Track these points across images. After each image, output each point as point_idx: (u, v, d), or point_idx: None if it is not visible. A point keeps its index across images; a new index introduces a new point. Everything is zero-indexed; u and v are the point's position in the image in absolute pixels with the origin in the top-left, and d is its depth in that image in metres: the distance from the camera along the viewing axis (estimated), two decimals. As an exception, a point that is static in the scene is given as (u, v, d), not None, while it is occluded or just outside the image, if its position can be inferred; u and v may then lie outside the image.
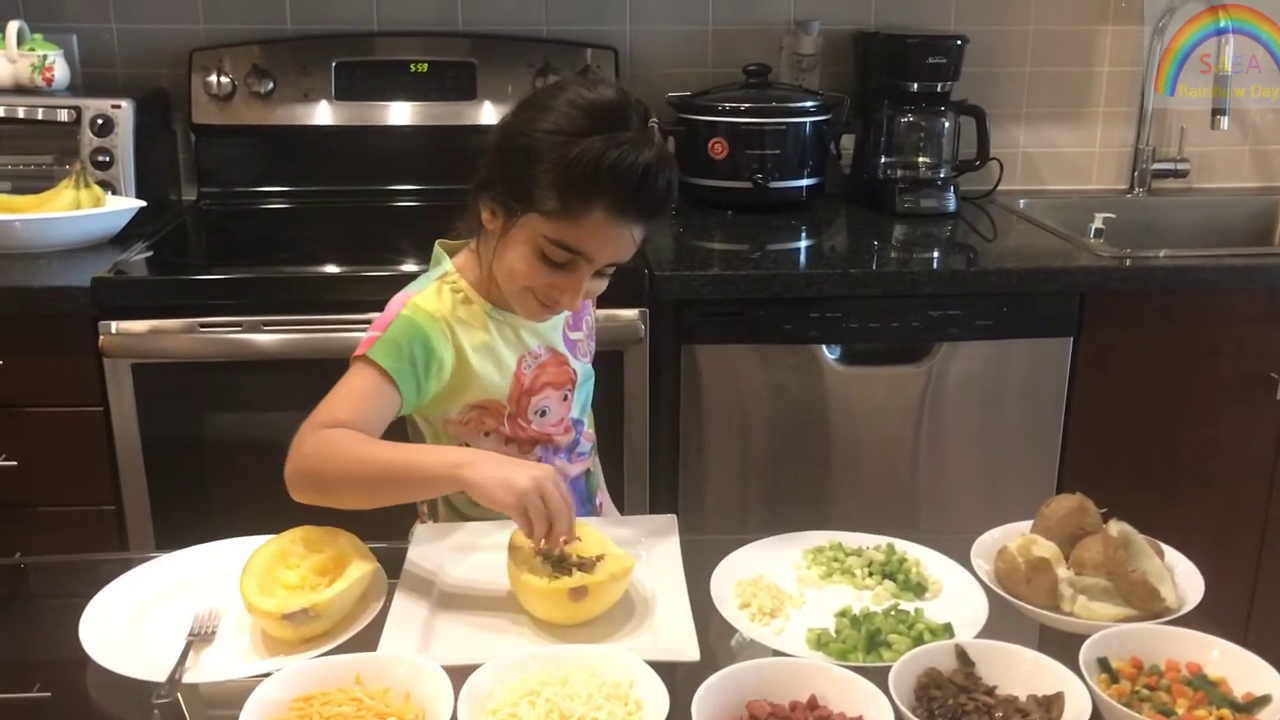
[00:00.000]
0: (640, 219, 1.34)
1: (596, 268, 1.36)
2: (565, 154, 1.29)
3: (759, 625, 1.22)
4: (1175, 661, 1.11)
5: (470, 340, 1.43)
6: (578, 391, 1.54)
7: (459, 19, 2.66)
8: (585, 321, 1.59)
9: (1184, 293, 2.21)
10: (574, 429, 1.54)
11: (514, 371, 1.46)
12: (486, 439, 1.47)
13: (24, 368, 2.01)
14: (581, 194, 1.30)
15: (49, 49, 2.44)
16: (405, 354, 1.37)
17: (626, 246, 1.36)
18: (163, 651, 1.16)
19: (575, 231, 1.32)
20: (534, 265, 1.36)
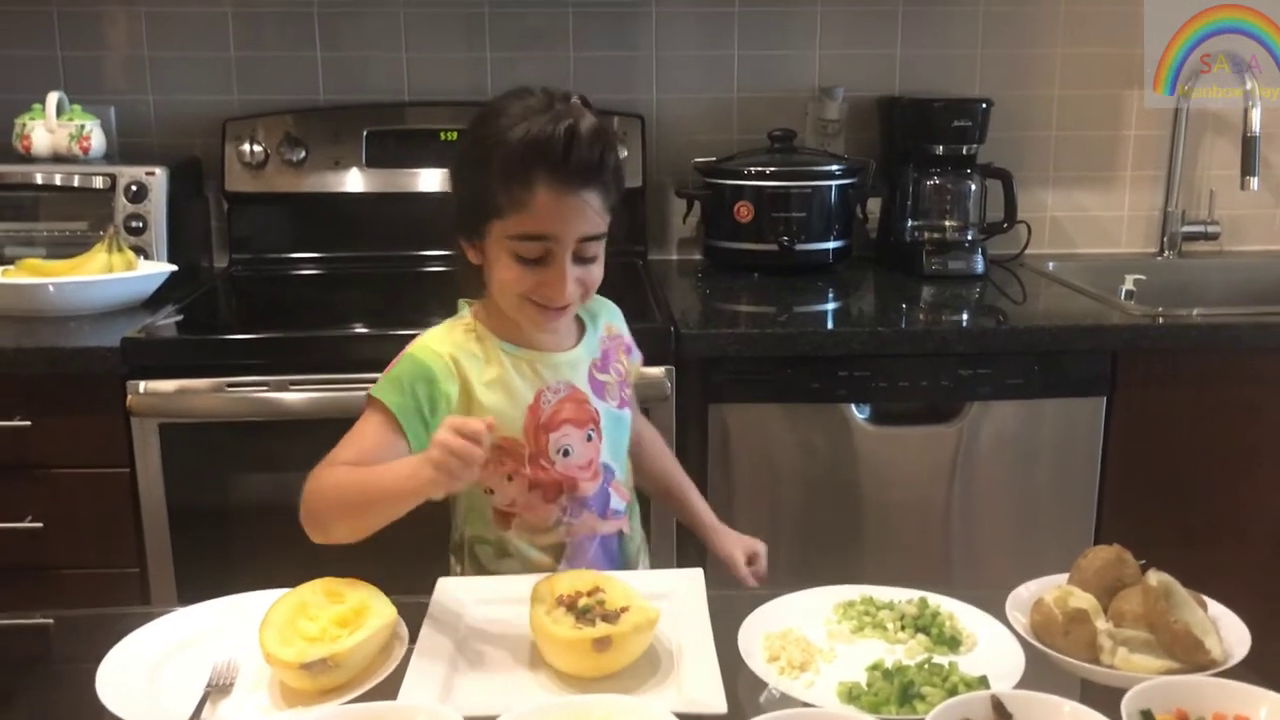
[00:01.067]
0: (584, 183, 1.35)
1: (570, 249, 1.37)
2: (494, 152, 1.34)
3: (788, 678, 1.18)
4: (1222, 714, 1.06)
5: (479, 375, 1.43)
6: (605, 435, 1.50)
7: (488, 87, 2.70)
8: (615, 368, 1.56)
9: (1219, 351, 2.18)
10: (602, 474, 1.49)
11: (530, 405, 1.44)
12: (510, 484, 1.45)
13: (53, 429, 2.02)
14: (520, 179, 1.33)
15: (87, 119, 2.49)
16: (408, 390, 1.39)
17: (586, 216, 1.36)
18: (180, 703, 1.14)
19: (530, 217, 1.35)
20: (515, 270, 1.38)
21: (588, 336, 1.54)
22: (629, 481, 1.57)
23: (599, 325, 1.57)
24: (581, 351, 1.52)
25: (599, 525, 1.50)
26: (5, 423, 2.00)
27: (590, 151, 1.34)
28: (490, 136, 1.36)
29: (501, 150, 1.34)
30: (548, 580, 1.27)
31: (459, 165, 1.44)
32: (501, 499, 1.46)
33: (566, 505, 1.47)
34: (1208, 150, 2.85)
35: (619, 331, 1.61)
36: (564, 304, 1.42)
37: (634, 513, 1.58)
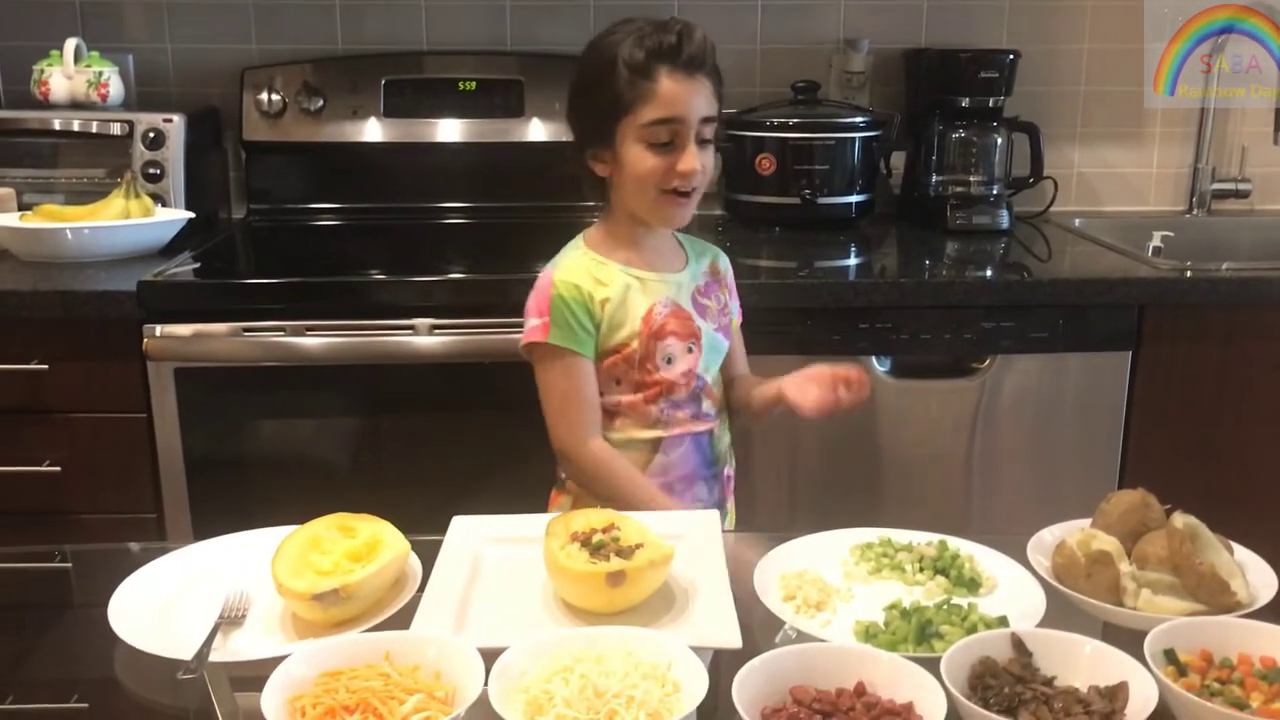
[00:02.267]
0: (699, 68, 1.56)
1: (693, 129, 1.56)
2: (616, 61, 1.56)
3: (804, 617, 1.17)
4: (1248, 655, 1.04)
5: (607, 294, 1.63)
6: (703, 350, 1.69)
7: (508, 38, 2.67)
8: (716, 296, 1.75)
9: (1247, 307, 2.15)
10: (696, 382, 1.68)
11: (644, 316, 1.64)
12: (618, 386, 1.66)
13: (69, 373, 2.02)
14: (645, 74, 1.55)
15: (105, 66, 2.48)
16: (574, 325, 1.61)
17: (705, 97, 1.57)
18: (191, 633, 1.13)
19: (660, 104, 1.55)
20: (649, 158, 1.58)
21: (691, 264, 1.73)
22: (720, 390, 1.75)
23: (703, 260, 1.77)
24: (686, 276, 1.71)
25: (692, 425, 1.69)
26: (22, 366, 2.00)
27: (700, 45, 1.56)
28: (608, 51, 1.58)
29: (624, 57, 1.55)
30: (562, 517, 1.26)
31: (580, 87, 1.64)
32: (609, 399, 1.66)
33: (664, 406, 1.66)
34: (1240, 106, 2.79)
35: (722, 272, 1.80)
36: (693, 185, 1.60)
37: (724, 419, 1.77)
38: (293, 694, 0.97)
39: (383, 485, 2.06)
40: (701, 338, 1.69)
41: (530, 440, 2.09)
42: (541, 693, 0.96)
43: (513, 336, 1.99)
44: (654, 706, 0.95)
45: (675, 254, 1.74)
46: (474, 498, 1.76)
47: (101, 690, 1.15)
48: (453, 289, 2.06)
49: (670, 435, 1.68)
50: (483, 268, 2.21)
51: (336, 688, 0.97)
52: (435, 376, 2.04)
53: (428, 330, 2.00)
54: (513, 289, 2.06)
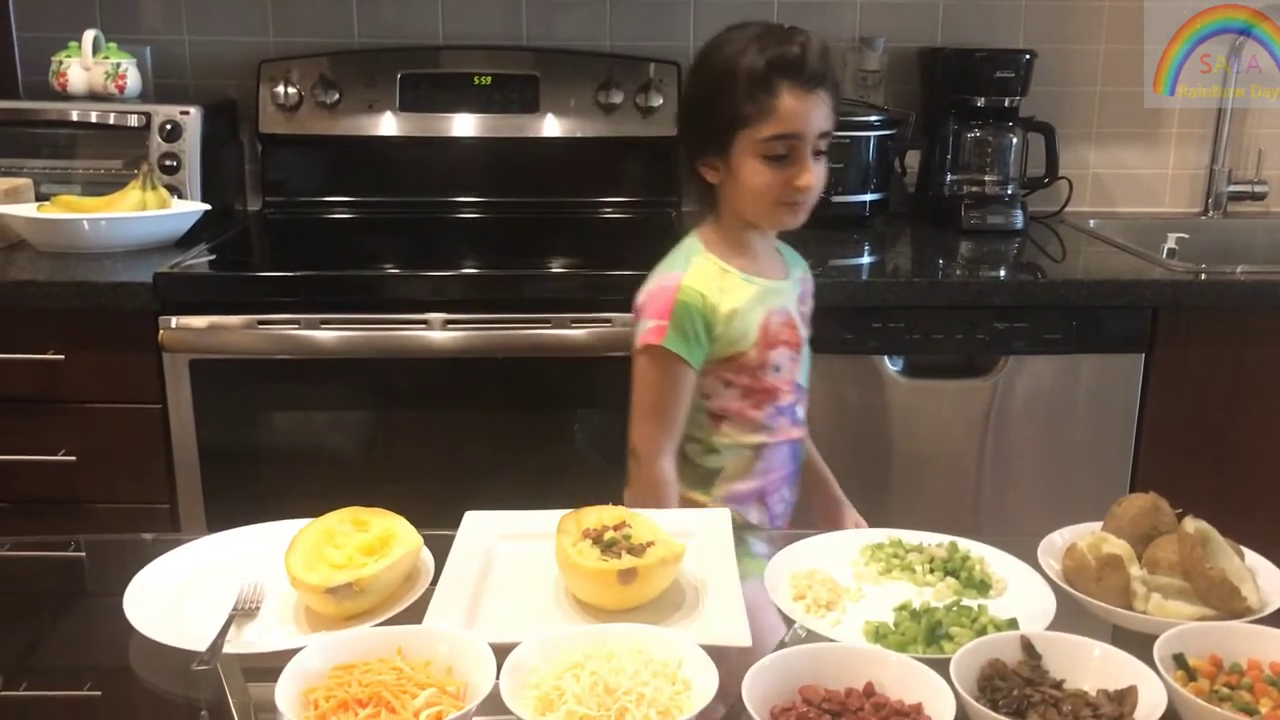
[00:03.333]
0: (819, 84, 1.56)
1: (810, 144, 1.57)
2: (735, 72, 1.54)
3: (814, 617, 1.17)
4: (1258, 661, 1.04)
5: (729, 304, 1.62)
6: (804, 358, 1.72)
7: (524, 33, 2.68)
8: (808, 302, 1.77)
9: (1262, 310, 2.14)
10: (795, 391, 1.71)
11: (761, 324, 1.64)
12: (727, 390, 1.66)
13: (85, 363, 2.04)
14: (765, 87, 1.53)
15: (123, 58, 2.49)
16: (691, 334, 1.61)
17: (823, 112, 1.58)
18: (206, 624, 1.14)
19: (779, 119, 1.54)
20: (766, 172, 1.57)
21: (793, 272, 1.75)
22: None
23: (798, 266, 1.78)
24: (790, 283, 1.73)
25: (791, 431, 1.73)
26: (39, 356, 2.01)
27: (820, 60, 1.56)
28: (727, 61, 1.56)
29: (745, 69, 1.54)
30: (574, 514, 1.26)
31: (695, 96, 1.64)
32: (716, 403, 1.67)
33: (770, 413, 1.68)
34: (1257, 107, 2.78)
35: (808, 279, 1.80)
36: (808, 198, 1.60)
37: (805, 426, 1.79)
38: (306, 686, 0.98)
39: (395, 479, 2.07)
40: (802, 346, 1.71)
41: (543, 435, 2.11)
42: (553, 689, 0.96)
43: (526, 331, 2.01)
44: (664, 704, 0.95)
45: (778, 259, 1.74)
46: (486, 492, 1.78)
47: (115, 679, 1.16)
48: (466, 283, 2.07)
49: (773, 441, 1.70)
50: (497, 263, 2.22)
51: (349, 681, 0.98)
52: (448, 371, 2.05)
53: (441, 325, 2.01)
54: (526, 284, 2.08)
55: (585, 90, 2.60)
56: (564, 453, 2.11)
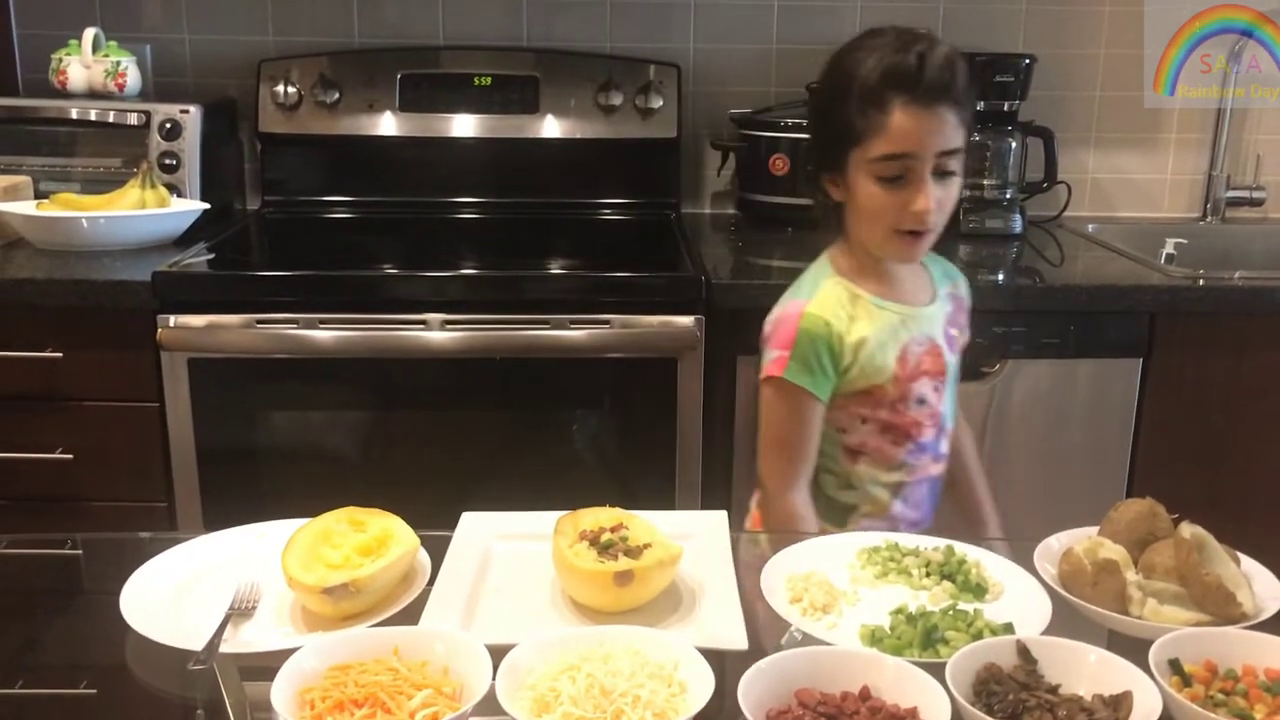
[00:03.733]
0: (937, 100, 1.42)
1: (928, 164, 1.44)
2: (851, 84, 1.44)
3: (810, 620, 1.17)
4: (1253, 667, 1.04)
5: (859, 333, 1.52)
6: (948, 387, 1.60)
7: (524, 34, 2.68)
8: (959, 322, 1.65)
9: (1260, 316, 2.14)
10: (938, 424, 1.59)
11: (898, 357, 1.53)
12: (863, 426, 1.56)
13: (83, 361, 2.04)
14: (876, 103, 1.42)
15: (123, 55, 2.49)
16: (815, 365, 1.51)
17: (942, 131, 1.43)
18: (202, 624, 1.14)
19: (890, 137, 1.43)
20: (879, 194, 1.46)
21: (940, 291, 1.62)
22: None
23: (946, 282, 1.65)
24: (936, 307, 1.60)
25: (932, 468, 1.61)
26: (37, 354, 2.01)
27: (942, 71, 1.42)
28: (846, 71, 1.46)
29: (858, 81, 1.43)
30: (571, 515, 1.26)
31: (816, 106, 1.56)
32: (852, 438, 1.57)
33: (911, 449, 1.57)
34: (1256, 114, 2.79)
35: (962, 296, 1.67)
36: (926, 226, 1.47)
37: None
38: (302, 686, 0.98)
39: (392, 479, 2.07)
40: (947, 374, 1.59)
41: (541, 436, 2.11)
42: (549, 690, 0.96)
43: (524, 332, 2.01)
44: (660, 706, 0.95)
45: (922, 280, 1.62)
46: (483, 493, 1.78)
47: (111, 677, 1.16)
48: (465, 284, 2.07)
49: (912, 481, 1.60)
50: (495, 263, 2.22)
51: (346, 681, 0.98)
52: (446, 371, 2.05)
53: (440, 325, 2.01)
54: (524, 284, 2.08)
55: (585, 91, 2.60)
56: (562, 454, 2.11)
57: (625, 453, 2.10)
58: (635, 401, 2.09)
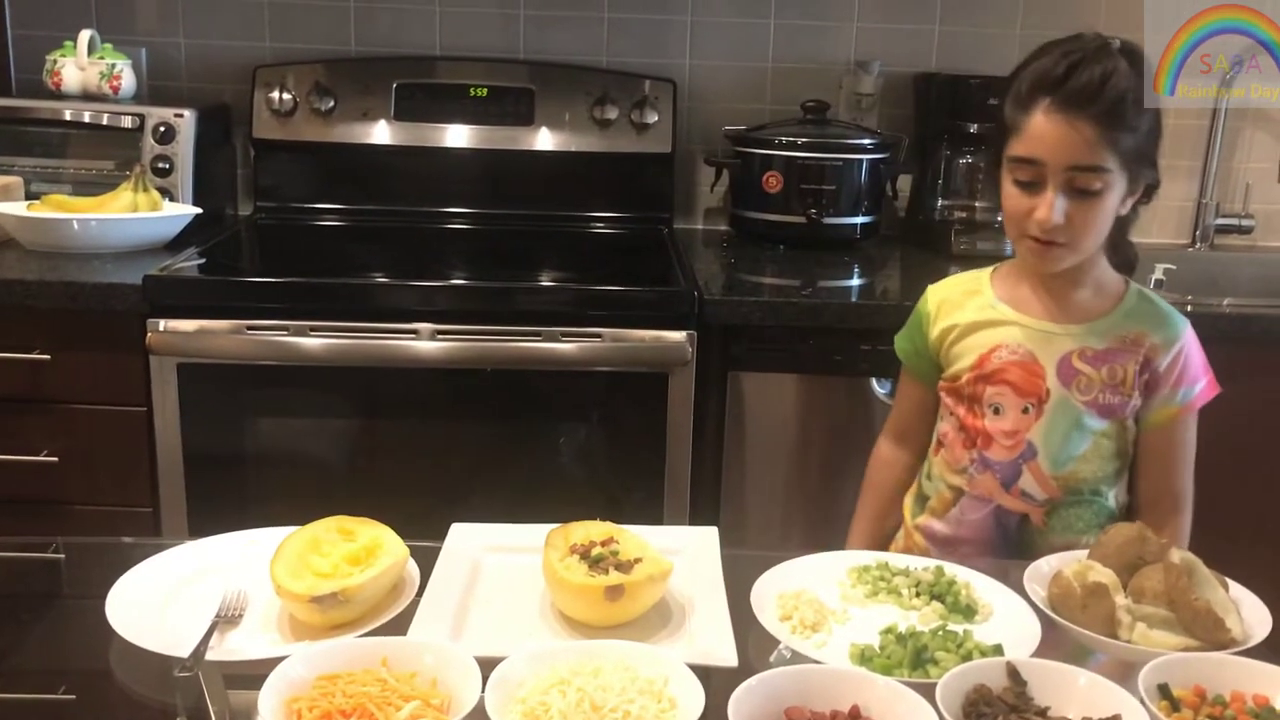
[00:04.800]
0: (1079, 109, 1.39)
1: (1059, 176, 1.42)
2: (1018, 77, 1.46)
3: (800, 638, 1.17)
4: (1241, 693, 1.05)
5: (957, 319, 1.58)
6: (1049, 418, 1.51)
7: (520, 46, 2.68)
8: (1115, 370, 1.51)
9: (1248, 343, 2.15)
10: (1022, 450, 1.52)
11: (982, 355, 1.55)
12: (949, 417, 1.60)
13: (72, 364, 2.02)
14: (1022, 103, 1.44)
15: (118, 58, 2.48)
16: (912, 335, 1.65)
17: (1076, 144, 1.40)
18: (188, 631, 1.13)
19: (1025, 140, 1.43)
20: (1012, 195, 1.47)
21: (1100, 324, 1.53)
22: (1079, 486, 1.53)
23: (1128, 325, 1.53)
24: (1075, 331, 1.52)
25: (998, 495, 1.54)
26: (25, 355, 2.00)
27: (1091, 81, 1.40)
28: (1017, 70, 1.48)
29: (1019, 79, 1.46)
30: (561, 528, 1.26)
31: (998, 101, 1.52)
32: (940, 426, 1.62)
33: (975, 459, 1.55)
34: (1246, 142, 2.81)
35: (1151, 345, 1.53)
36: (1051, 236, 1.44)
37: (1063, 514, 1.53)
38: (290, 696, 0.97)
39: (381, 488, 2.06)
40: (1048, 402, 1.51)
41: (531, 448, 2.10)
42: (539, 704, 0.96)
43: (515, 344, 2.01)
44: (649, 722, 0.95)
45: (1090, 305, 1.54)
46: (472, 505, 1.77)
47: (93, 683, 1.15)
48: (457, 294, 2.07)
49: (971, 493, 1.55)
50: (487, 274, 2.22)
51: (334, 691, 0.97)
52: (437, 381, 2.04)
53: (430, 335, 2.01)
54: (516, 296, 2.08)
55: (580, 105, 2.60)
56: (551, 466, 2.10)
57: (615, 467, 2.10)
58: (626, 416, 2.09)
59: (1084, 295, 1.54)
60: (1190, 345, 1.57)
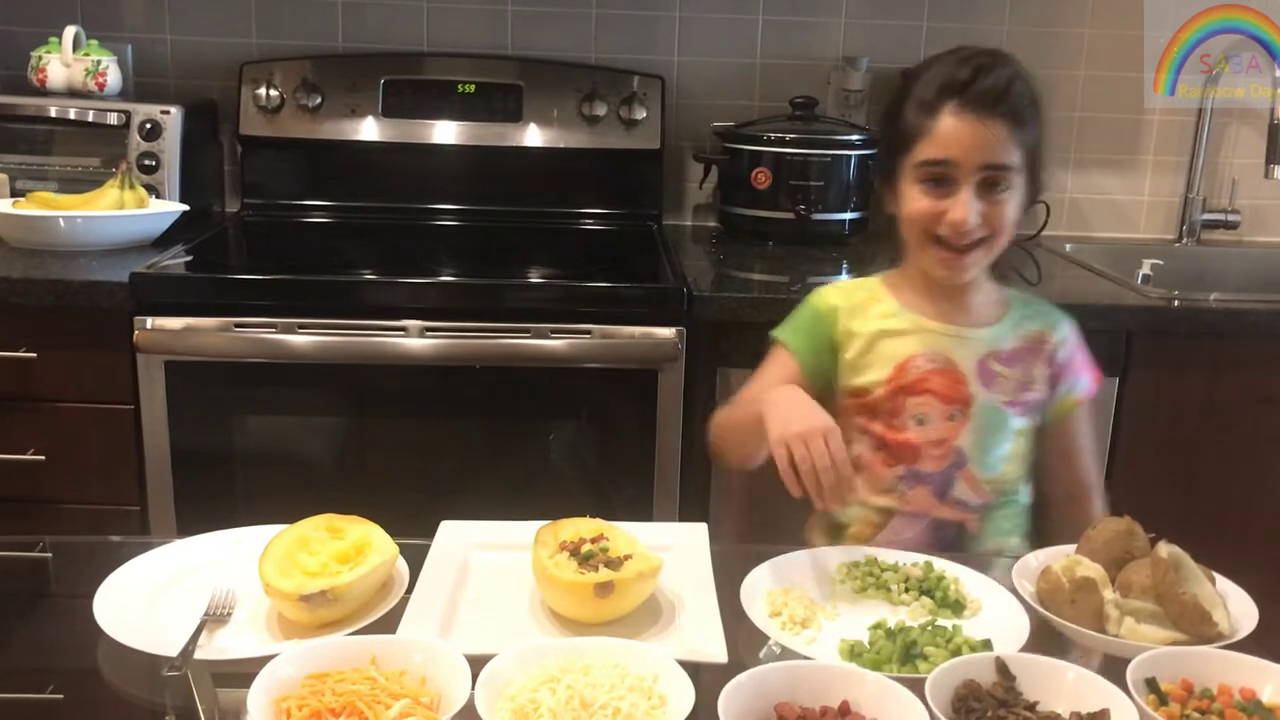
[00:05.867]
0: (989, 110, 1.41)
1: (973, 177, 1.42)
2: (916, 85, 1.47)
3: (789, 634, 1.17)
4: (1228, 686, 1.05)
5: (866, 326, 1.53)
6: (974, 423, 1.50)
7: (509, 43, 2.68)
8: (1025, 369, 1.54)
9: (1235, 337, 2.16)
10: (952, 457, 1.50)
11: (899, 364, 1.50)
12: (861, 437, 1.52)
13: (58, 362, 2.01)
14: (929, 108, 1.44)
15: (103, 55, 2.47)
16: (802, 326, 1.57)
17: (989, 143, 1.42)
18: (177, 630, 1.13)
19: (935, 142, 1.43)
20: (919, 198, 1.45)
21: (1001, 326, 1.55)
22: (1006, 487, 1.54)
23: (1026, 325, 1.56)
24: (984, 334, 1.53)
25: (934, 507, 1.51)
26: (10, 353, 1.99)
27: (998, 82, 1.42)
28: (911, 79, 1.49)
29: (917, 88, 1.46)
30: (551, 525, 1.26)
31: (884, 114, 1.55)
32: (853, 450, 1.47)
33: (904, 474, 1.50)
34: (1232, 138, 2.82)
35: (1050, 342, 1.57)
36: (966, 239, 1.45)
37: (995, 518, 1.54)
38: (279, 695, 0.97)
39: (370, 486, 2.06)
40: (973, 407, 1.50)
41: (520, 445, 2.10)
42: (528, 701, 0.96)
43: (504, 341, 2.01)
44: (640, 719, 0.95)
45: (987, 309, 1.56)
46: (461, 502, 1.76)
47: (81, 682, 1.15)
48: (445, 291, 2.06)
49: (905, 511, 1.51)
50: (476, 271, 2.21)
51: (323, 690, 0.97)
52: (425, 378, 2.04)
53: (419, 332, 2.00)
54: (505, 293, 2.08)
55: (569, 101, 2.60)
56: (540, 463, 2.10)
57: (604, 463, 2.10)
58: (615, 412, 2.09)
59: (980, 300, 1.56)
60: (1076, 337, 1.62)
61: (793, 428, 1.24)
